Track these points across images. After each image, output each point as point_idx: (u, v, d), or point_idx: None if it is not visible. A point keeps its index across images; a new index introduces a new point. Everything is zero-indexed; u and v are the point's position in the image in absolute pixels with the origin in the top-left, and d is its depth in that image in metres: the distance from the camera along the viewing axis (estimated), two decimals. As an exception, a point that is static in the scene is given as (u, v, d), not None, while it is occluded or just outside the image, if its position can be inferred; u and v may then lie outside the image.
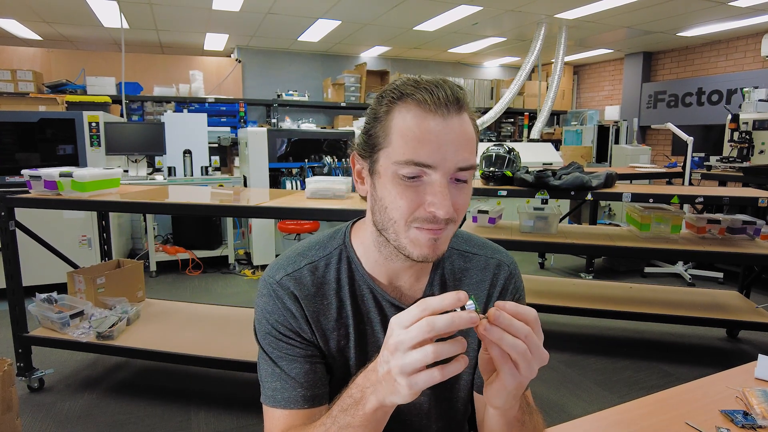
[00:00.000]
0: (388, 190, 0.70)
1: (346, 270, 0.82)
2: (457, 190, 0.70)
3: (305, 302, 0.79)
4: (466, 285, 0.86)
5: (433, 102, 0.66)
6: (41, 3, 4.64)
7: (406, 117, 0.67)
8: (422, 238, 0.70)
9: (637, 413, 0.92)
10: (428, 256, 0.71)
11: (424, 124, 0.66)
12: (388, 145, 0.69)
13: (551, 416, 2.28)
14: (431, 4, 4.75)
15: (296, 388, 0.77)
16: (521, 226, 2.96)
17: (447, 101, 0.66)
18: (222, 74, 6.61)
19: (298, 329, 0.79)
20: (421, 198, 0.68)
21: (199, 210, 2.31)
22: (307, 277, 0.81)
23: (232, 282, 4.28)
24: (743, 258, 2.66)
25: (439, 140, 0.66)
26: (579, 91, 8.56)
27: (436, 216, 0.68)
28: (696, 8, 4.84)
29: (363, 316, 0.82)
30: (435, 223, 0.69)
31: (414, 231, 0.70)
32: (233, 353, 2.16)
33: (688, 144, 4.23)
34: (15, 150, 3.90)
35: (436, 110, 0.66)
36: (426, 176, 0.68)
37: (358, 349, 0.82)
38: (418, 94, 0.67)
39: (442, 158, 0.66)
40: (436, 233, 0.70)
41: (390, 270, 0.81)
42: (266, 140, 4.41)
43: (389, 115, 0.69)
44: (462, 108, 0.68)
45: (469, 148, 0.69)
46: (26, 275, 2.43)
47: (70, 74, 5.76)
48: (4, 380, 1.61)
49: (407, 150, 0.67)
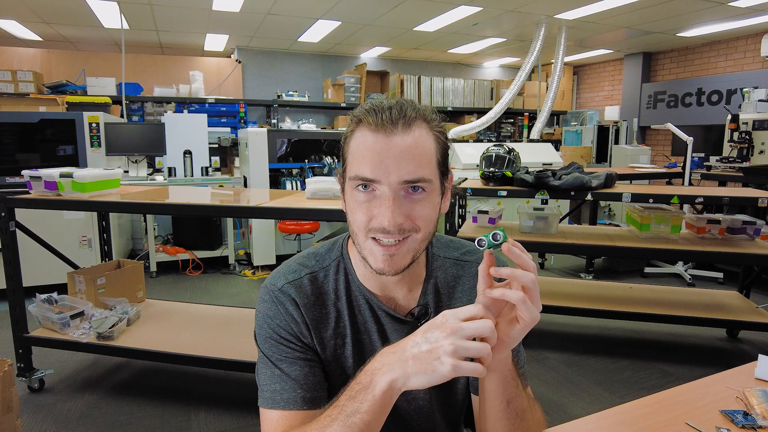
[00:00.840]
0: (349, 204, 0.78)
1: (343, 281, 0.85)
2: (411, 202, 0.74)
3: (305, 309, 0.82)
4: (459, 292, 0.89)
5: (375, 122, 0.72)
6: (41, 4, 4.64)
7: (358, 137, 0.74)
8: (376, 252, 0.75)
9: (637, 413, 0.92)
10: (384, 270, 0.75)
11: (367, 143, 0.73)
12: (347, 163, 0.77)
13: (551, 416, 2.27)
14: (431, 5, 4.75)
15: (296, 389, 0.78)
16: (521, 227, 2.96)
17: (390, 120, 0.72)
18: (222, 75, 6.61)
19: (298, 333, 0.81)
20: (372, 212, 0.74)
21: (199, 210, 2.32)
22: (307, 287, 0.84)
23: (232, 282, 4.28)
24: (743, 258, 2.66)
25: (381, 156, 0.71)
26: (579, 91, 8.56)
27: (383, 227, 0.72)
28: (696, 8, 4.84)
29: (360, 326, 0.85)
30: (388, 234, 0.73)
31: (370, 242, 0.75)
32: (233, 354, 2.16)
33: (688, 144, 4.23)
34: (15, 150, 3.90)
35: (378, 130, 0.72)
36: (376, 190, 0.73)
37: (355, 358, 0.84)
38: (367, 116, 0.73)
39: (384, 173, 0.71)
40: (391, 249, 0.74)
41: (380, 282, 0.84)
42: (266, 141, 4.41)
43: (350, 137, 0.76)
44: (410, 125, 0.72)
45: (416, 161, 0.72)
46: (26, 276, 2.43)
47: (70, 75, 5.76)
48: (5, 381, 1.61)
49: (355, 167, 0.74)
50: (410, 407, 0.87)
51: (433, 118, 0.76)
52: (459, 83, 7.38)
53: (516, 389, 0.75)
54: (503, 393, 0.75)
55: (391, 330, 0.84)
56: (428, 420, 0.89)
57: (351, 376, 0.81)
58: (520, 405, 0.77)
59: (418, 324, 0.83)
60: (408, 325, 0.84)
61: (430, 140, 0.74)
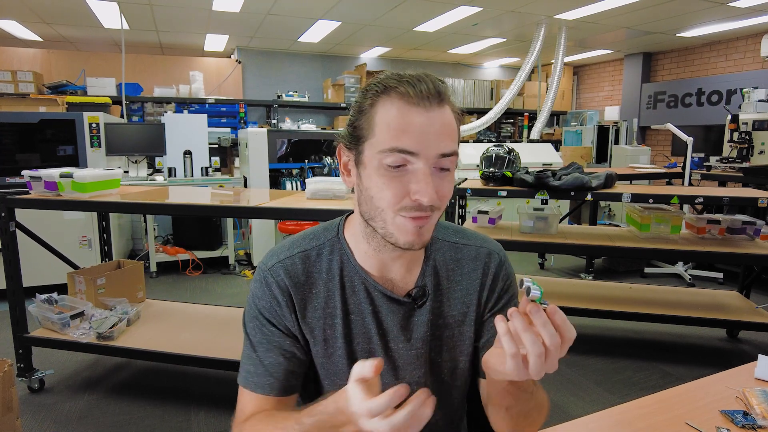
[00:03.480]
0: (373, 180, 0.72)
1: (337, 261, 0.84)
2: (440, 178, 0.72)
3: (293, 290, 0.82)
4: (458, 275, 0.87)
5: (416, 94, 0.69)
6: (41, 4, 4.64)
7: (390, 109, 0.70)
8: (408, 226, 0.72)
9: (637, 413, 0.92)
10: (414, 243, 0.74)
11: (407, 115, 0.69)
12: (372, 136, 0.71)
13: (551, 416, 2.27)
14: (431, 5, 4.75)
15: (266, 376, 0.81)
16: (521, 227, 2.96)
17: (429, 94, 0.69)
18: (222, 75, 6.61)
19: (281, 317, 0.82)
20: (405, 187, 0.70)
21: (199, 211, 2.32)
22: (297, 265, 0.83)
23: (232, 282, 4.28)
24: (743, 258, 2.66)
25: (422, 129, 0.69)
26: (579, 91, 8.56)
27: (421, 204, 0.70)
28: (696, 9, 4.85)
29: (352, 307, 0.83)
30: (421, 211, 0.71)
31: (400, 219, 0.72)
32: (233, 354, 2.16)
33: (688, 144, 4.23)
34: (15, 151, 3.90)
35: (419, 102, 0.69)
36: (410, 165, 0.70)
37: (346, 339, 0.83)
38: (401, 87, 0.70)
39: (425, 146, 0.69)
40: (422, 221, 0.72)
41: (380, 261, 0.82)
42: (266, 141, 4.42)
43: (374, 108, 0.71)
44: (443, 100, 0.71)
45: (451, 136, 0.71)
46: (26, 276, 2.43)
47: (70, 75, 5.76)
48: (5, 381, 1.61)
49: (391, 139, 0.69)
50: None
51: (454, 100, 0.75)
52: (459, 83, 7.39)
53: (514, 400, 0.74)
54: (501, 400, 0.76)
55: (386, 311, 0.83)
56: None
57: (341, 358, 0.83)
58: (522, 409, 0.76)
59: (415, 305, 0.83)
60: (405, 306, 0.83)
61: (453, 119, 0.73)
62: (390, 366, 0.84)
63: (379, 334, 0.83)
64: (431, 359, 0.86)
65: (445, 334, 0.85)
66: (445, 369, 0.87)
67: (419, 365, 0.85)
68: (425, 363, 0.85)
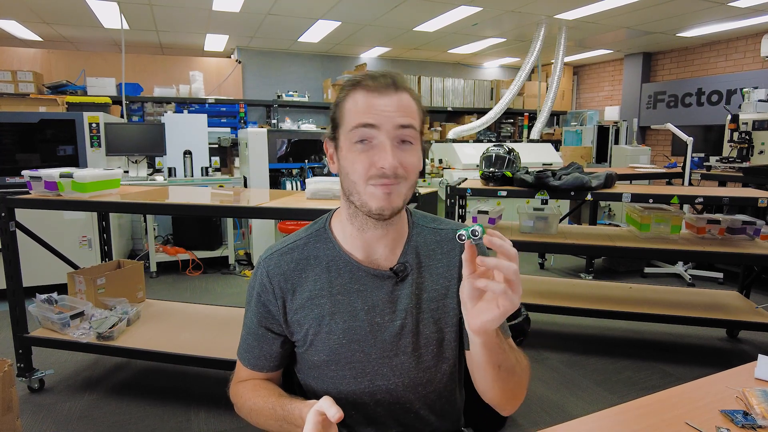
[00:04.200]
0: (348, 159, 0.85)
1: (323, 248, 0.95)
2: (403, 150, 0.84)
3: (282, 278, 0.93)
4: (439, 254, 0.96)
5: (375, 85, 0.84)
6: (41, 4, 4.64)
7: (356, 97, 0.85)
8: (378, 192, 0.83)
9: (637, 413, 0.92)
10: (384, 208, 0.84)
11: (368, 99, 0.84)
12: (344, 122, 0.86)
13: (551, 416, 2.28)
14: (431, 5, 4.75)
15: (257, 358, 0.99)
16: (521, 227, 2.96)
17: (386, 84, 0.84)
18: (222, 75, 6.61)
19: (267, 304, 0.95)
20: (372, 159, 0.83)
21: (199, 210, 2.31)
22: (288, 254, 0.95)
23: (232, 282, 4.28)
24: (743, 258, 2.66)
25: (379, 108, 0.83)
26: (579, 91, 8.56)
27: (384, 171, 0.81)
28: (696, 9, 4.85)
29: (339, 288, 0.92)
30: (386, 178, 0.82)
31: (370, 188, 0.84)
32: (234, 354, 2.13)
33: (688, 144, 4.23)
34: (15, 151, 3.90)
35: (377, 89, 0.84)
36: (374, 139, 0.83)
37: (333, 316, 0.91)
38: (364, 81, 0.85)
39: (383, 119, 0.82)
40: (389, 188, 0.83)
41: (365, 242, 0.92)
42: (266, 141, 4.42)
43: (345, 100, 0.86)
44: (399, 88, 0.85)
45: (407, 112, 0.84)
46: (26, 276, 2.43)
47: (70, 75, 5.76)
48: (5, 381, 1.61)
49: (356, 118, 0.83)
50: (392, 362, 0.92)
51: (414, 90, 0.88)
52: (459, 83, 7.39)
53: (503, 353, 0.80)
54: (493, 361, 0.81)
55: (372, 287, 0.92)
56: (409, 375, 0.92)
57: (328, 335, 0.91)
58: (509, 363, 0.82)
59: (398, 278, 0.93)
60: (389, 280, 0.92)
61: (413, 103, 0.86)
62: (377, 339, 0.91)
63: (365, 310, 0.92)
64: (418, 331, 0.92)
65: (429, 306, 0.93)
66: (433, 341, 0.93)
67: (405, 335, 0.92)
68: (410, 334, 0.92)
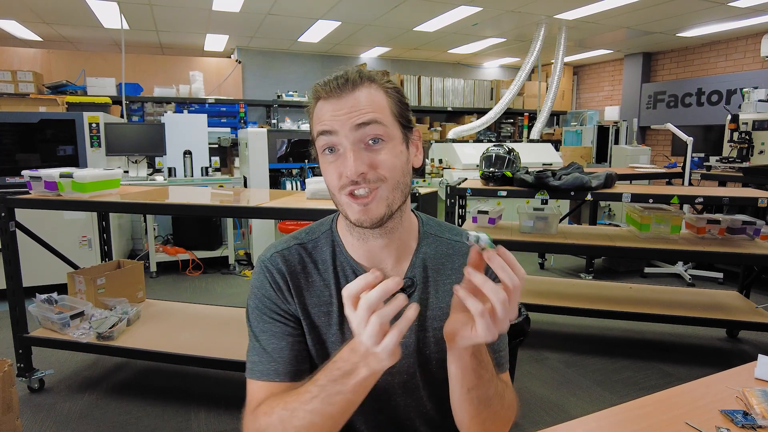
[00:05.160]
0: (322, 169, 0.82)
1: (330, 252, 0.89)
2: (372, 152, 0.78)
3: (290, 277, 0.86)
4: (449, 269, 0.90)
5: (325, 91, 0.79)
6: (41, 4, 4.64)
7: (316, 110, 0.81)
8: (353, 205, 0.78)
9: (637, 413, 0.92)
10: (362, 220, 0.79)
11: (323, 107, 0.79)
12: (313, 134, 0.82)
13: (551, 416, 2.28)
14: (431, 5, 4.75)
15: (270, 363, 0.83)
16: (521, 227, 2.96)
17: (336, 86, 0.78)
18: (222, 75, 6.61)
19: (282, 302, 0.85)
20: (339, 169, 0.78)
21: (199, 210, 2.31)
22: (295, 256, 0.88)
23: (232, 282, 4.28)
24: (743, 258, 2.66)
25: (333, 112, 0.78)
26: (579, 91, 8.56)
27: (348, 178, 0.76)
28: (696, 9, 4.85)
29: None
30: (355, 186, 0.77)
31: (345, 198, 0.79)
32: (233, 354, 2.15)
33: (688, 144, 4.23)
34: (15, 151, 3.90)
35: (329, 95, 0.79)
36: (339, 147, 0.78)
37: (339, 326, 0.86)
38: (319, 90, 0.80)
39: (339, 123, 0.77)
40: (364, 200, 0.78)
41: (368, 251, 0.86)
42: (266, 141, 4.42)
43: (311, 114, 0.83)
44: (355, 85, 0.78)
45: (368, 106, 0.77)
46: (26, 276, 2.43)
47: (70, 75, 5.76)
48: (5, 381, 1.61)
49: (315, 128, 0.80)
50: (394, 381, 0.88)
51: (381, 78, 0.81)
52: (459, 83, 7.38)
53: (477, 379, 0.75)
54: (462, 381, 0.76)
55: None
56: (412, 396, 0.89)
57: (334, 344, 0.86)
58: (484, 393, 0.77)
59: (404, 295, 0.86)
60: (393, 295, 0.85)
61: (380, 94, 0.79)
62: None
63: None
64: (419, 350, 0.87)
65: (432, 326, 0.87)
66: (434, 360, 0.88)
67: (408, 354, 0.87)
68: (413, 353, 0.87)
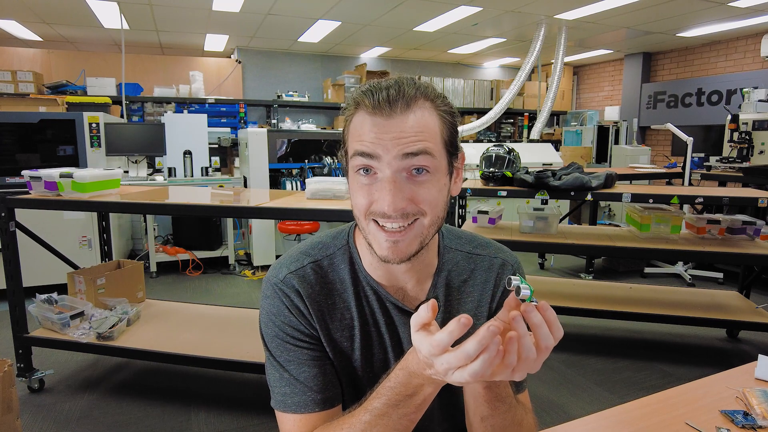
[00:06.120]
0: (351, 188, 0.75)
1: (349, 270, 0.82)
2: (414, 184, 0.70)
3: (309, 300, 0.79)
4: (470, 286, 0.86)
5: (372, 104, 0.69)
6: (41, 4, 4.64)
7: (357, 119, 0.72)
8: (380, 238, 0.72)
9: (637, 413, 0.92)
10: (389, 257, 0.72)
11: (365, 123, 0.70)
12: (348, 145, 0.74)
13: (551, 416, 2.28)
14: (431, 5, 4.75)
15: (306, 393, 0.76)
16: (521, 227, 2.96)
17: (387, 101, 0.69)
18: (222, 75, 6.61)
19: (305, 327, 0.78)
20: (372, 195, 0.71)
21: (199, 211, 2.31)
22: (310, 276, 0.80)
23: (232, 282, 4.28)
24: (743, 258, 2.66)
25: (379, 135, 0.69)
26: (579, 91, 8.56)
27: (383, 212, 0.69)
28: (696, 9, 4.84)
29: (368, 318, 0.81)
30: (388, 219, 0.70)
31: (373, 226, 0.72)
32: (233, 354, 2.16)
33: (688, 144, 4.23)
34: (15, 151, 3.90)
35: (376, 111, 0.69)
36: (379, 172, 0.70)
37: (363, 350, 0.81)
38: (364, 99, 0.71)
39: (383, 149, 0.69)
40: (395, 235, 0.71)
41: (388, 272, 0.80)
42: (266, 141, 4.41)
43: (348, 121, 0.74)
44: (410, 104, 0.69)
45: (420, 133, 0.69)
46: (26, 276, 2.43)
47: (70, 75, 5.76)
48: (5, 381, 1.61)
49: (355, 144, 0.71)
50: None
51: (437, 96, 0.72)
52: (459, 83, 7.38)
53: (491, 410, 0.71)
54: (475, 410, 0.73)
55: (400, 322, 0.81)
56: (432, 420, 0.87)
57: (358, 369, 0.81)
58: (499, 423, 0.73)
59: None
60: None
61: (434, 119, 0.71)
62: None
63: (392, 345, 0.81)
64: None
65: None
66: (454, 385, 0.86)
67: None
68: None
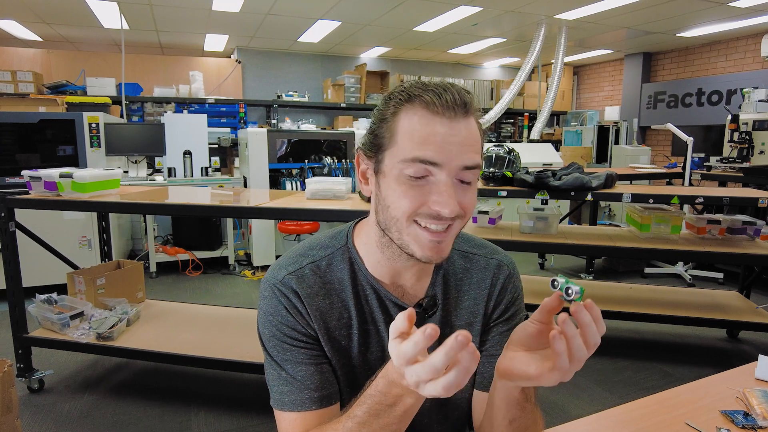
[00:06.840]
0: (392, 189, 0.71)
1: (348, 270, 0.82)
2: (462, 190, 0.71)
3: (308, 300, 0.79)
4: (467, 284, 0.87)
5: (441, 104, 0.67)
6: (41, 4, 4.64)
7: (413, 118, 0.69)
8: (423, 238, 0.71)
9: (637, 413, 0.92)
10: (431, 258, 0.72)
11: (430, 125, 0.68)
12: (394, 145, 0.70)
13: (551, 416, 2.28)
14: (431, 5, 4.75)
15: (303, 391, 0.77)
16: (521, 227, 2.96)
17: (454, 104, 0.68)
18: (222, 75, 6.61)
19: (303, 327, 0.79)
20: (425, 197, 0.69)
21: (198, 211, 2.31)
22: (309, 277, 0.80)
23: (232, 283, 4.28)
24: (743, 258, 2.66)
25: (445, 140, 0.67)
26: (579, 91, 8.56)
27: (440, 214, 0.68)
28: (696, 9, 4.84)
29: (367, 316, 0.82)
30: (438, 221, 0.69)
31: (415, 227, 0.71)
32: (233, 354, 2.16)
33: (688, 144, 4.23)
34: (15, 151, 3.90)
35: (443, 112, 0.68)
36: (432, 176, 0.69)
37: (361, 348, 0.82)
38: (426, 95, 0.68)
39: (448, 157, 0.67)
40: (440, 236, 0.70)
41: (392, 269, 0.81)
42: (266, 141, 4.41)
43: (396, 116, 0.70)
44: (468, 112, 0.70)
45: (475, 148, 0.70)
46: (26, 276, 2.43)
47: (70, 75, 5.76)
48: (4, 381, 1.61)
49: (414, 148, 0.68)
50: None
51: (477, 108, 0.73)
52: (459, 83, 7.37)
53: (521, 411, 0.72)
54: (506, 414, 0.73)
55: None
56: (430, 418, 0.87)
57: (357, 368, 0.81)
58: (524, 423, 0.74)
59: (425, 316, 0.82)
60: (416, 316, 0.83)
61: (479, 130, 0.73)
62: None
63: None
64: None
65: None
66: None
67: None
68: None
